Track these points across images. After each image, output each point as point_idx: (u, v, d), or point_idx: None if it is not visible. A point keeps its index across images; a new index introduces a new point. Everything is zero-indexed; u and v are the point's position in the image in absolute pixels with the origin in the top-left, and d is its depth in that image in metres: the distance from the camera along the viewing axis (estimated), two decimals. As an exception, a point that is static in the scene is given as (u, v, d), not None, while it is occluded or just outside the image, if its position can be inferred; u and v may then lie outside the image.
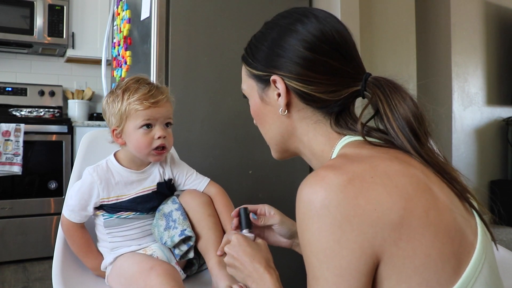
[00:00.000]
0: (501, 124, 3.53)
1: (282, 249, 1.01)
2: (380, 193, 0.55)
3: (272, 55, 0.71)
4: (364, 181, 0.56)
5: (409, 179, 0.57)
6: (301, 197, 0.58)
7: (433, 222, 0.55)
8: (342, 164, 0.59)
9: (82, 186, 1.05)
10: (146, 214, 1.08)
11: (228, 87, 1.75)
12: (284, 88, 0.70)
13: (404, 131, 0.63)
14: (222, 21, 1.75)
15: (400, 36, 2.45)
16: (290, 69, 0.69)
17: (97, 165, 1.07)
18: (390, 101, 0.64)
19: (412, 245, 0.54)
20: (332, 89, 0.67)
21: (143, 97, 1.01)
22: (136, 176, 1.08)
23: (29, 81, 3.26)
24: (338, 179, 0.56)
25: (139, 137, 1.03)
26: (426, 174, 0.60)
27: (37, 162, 2.71)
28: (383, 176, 0.57)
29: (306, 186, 0.58)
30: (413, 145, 0.63)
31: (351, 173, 0.56)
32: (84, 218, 1.07)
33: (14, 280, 2.36)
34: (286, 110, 0.71)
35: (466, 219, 0.59)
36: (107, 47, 2.15)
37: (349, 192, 0.55)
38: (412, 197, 0.55)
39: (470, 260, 0.56)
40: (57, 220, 2.72)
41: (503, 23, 3.54)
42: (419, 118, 0.64)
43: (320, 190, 0.56)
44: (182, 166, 1.16)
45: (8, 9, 2.88)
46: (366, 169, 0.57)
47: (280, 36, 0.71)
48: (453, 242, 0.55)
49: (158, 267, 0.94)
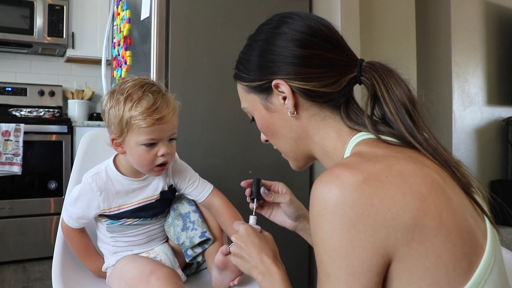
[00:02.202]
0: (501, 124, 3.52)
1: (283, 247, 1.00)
2: (395, 193, 0.55)
3: (265, 62, 0.71)
4: (379, 181, 0.55)
5: (423, 179, 0.57)
6: (316, 195, 0.57)
7: (446, 223, 0.55)
8: (358, 163, 0.58)
9: (81, 196, 1.01)
10: (150, 220, 1.07)
11: (228, 87, 1.75)
12: (289, 89, 0.69)
13: (401, 113, 0.64)
14: (222, 21, 1.75)
15: (400, 36, 2.45)
16: (287, 71, 0.69)
17: (96, 173, 1.02)
18: (386, 82, 0.65)
19: (424, 246, 0.54)
20: (332, 81, 0.68)
21: (147, 111, 0.91)
22: (137, 184, 1.04)
23: (29, 81, 3.26)
24: (354, 178, 0.55)
25: (141, 153, 0.95)
26: (440, 174, 0.59)
27: (37, 162, 2.71)
28: (398, 176, 0.56)
29: (321, 183, 0.57)
30: (409, 128, 0.63)
31: (366, 173, 0.56)
32: (83, 224, 1.05)
33: (14, 280, 2.36)
34: (295, 112, 0.70)
35: (476, 220, 0.59)
36: (107, 47, 2.15)
37: (364, 192, 0.54)
38: (426, 198, 0.55)
39: (480, 262, 0.56)
40: (57, 220, 2.72)
41: (503, 23, 3.54)
42: (413, 101, 0.65)
43: (335, 189, 0.55)
44: (185, 172, 1.10)
45: (8, 9, 2.88)
46: (381, 168, 0.57)
47: (268, 42, 0.71)
48: (464, 244, 0.55)
49: (158, 271, 0.93)
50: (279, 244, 0.89)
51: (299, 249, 1.93)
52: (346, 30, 1.87)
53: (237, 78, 0.78)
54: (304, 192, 1.87)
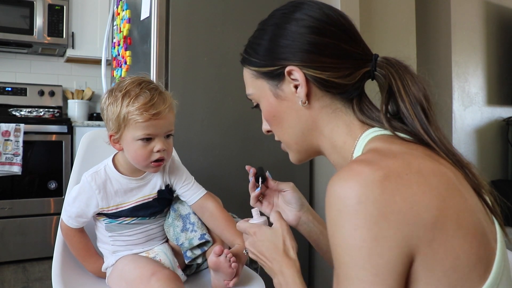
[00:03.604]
0: (502, 124, 3.52)
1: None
2: (416, 191, 0.53)
3: (278, 47, 0.68)
4: (400, 178, 0.53)
5: (441, 178, 0.55)
6: (335, 193, 0.54)
7: (463, 225, 0.53)
8: (377, 159, 0.56)
9: (80, 195, 1.02)
10: (148, 219, 1.07)
11: (228, 87, 1.75)
12: (303, 77, 0.66)
13: (416, 109, 0.62)
14: (222, 21, 1.75)
15: (400, 36, 2.45)
16: (302, 58, 0.66)
17: (95, 172, 1.03)
18: (402, 78, 0.64)
19: (444, 247, 0.52)
20: (347, 73, 0.66)
21: (143, 107, 0.94)
22: (136, 183, 1.05)
23: (29, 81, 3.26)
24: (375, 175, 0.53)
25: (137, 148, 0.97)
26: (454, 173, 0.58)
27: (37, 162, 2.71)
28: (417, 174, 0.55)
29: (340, 181, 0.55)
30: (424, 125, 0.62)
31: (387, 169, 0.54)
32: (82, 224, 1.05)
33: (14, 280, 2.36)
34: (306, 101, 0.68)
35: (488, 223, 0.58)
36: (107, 47, 2.15)
37: (386, 188, 0.52)
38: (445, 198, 0.54)
39: (493, 267, 0.54)
40: (57, 220, 2.72)
41: (503, 23, 3.54)
42: (428, 99, 0.63)
43: (356, 185, 0.53)
44: (181, 172, 1.11)
45: (8, 9, 2.88)
46: (401, 165, 0.55)
47: (282, 27, 0.68)
48: (479, 247, 0.54)
49: (159, 273, 0.94)
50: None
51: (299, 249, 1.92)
52: (346, 30, 1.87)
53: (245, 63, 0.74)
54: (304, 192, 1.87)
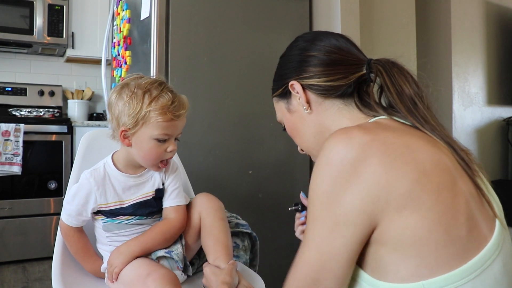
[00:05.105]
0: (502, 124, 3.52)
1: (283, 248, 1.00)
2: (395, 159, 0.58)
3: (282, 70, 0.82)
4: (384, 145, 0.59)
5: (430, 157, 0.59)
6: (324, 146, 0.62)
7: (444, 202, 0.56)
8: (371, 127, 0.63)
9: (79, 191, 1.02)
10: (146, 219, 1.07)
11: (228, 87, 1.75)
12: (301, 87, 0.77)
13: (402, 98, 0.69)
14: (222, 21, 1.75)
15: (400, 36, 2.44)
16: (296, 71, 0.78)
17: (94, 169, 1.04)
18: (389, 72, 0.71)
19: (416, 217, 0.55)
20: (339, 77, 0.74)
21: (166, 107, 0.96)
22: (134, 180, 1.05)
23: (29, 81, 3.26)
24: (361, 137, 0.59)
25: (152, 147, 0.98)
26: (452, 160, 0.62)
27: (36, 162, 2.71)
28: (404, 146, 0.59)
29: (332, 138, 0.62)
30: (411, 112, 0.67)
31: (375, 135, 0.60)
32: (82, 222, 1.05)
33: (13, 280, 2.36)
34: (309, 107, 0.77)
35: (482, 213, 0.60)
36: (107, 47, 2.14)
37: (366, 151, 0.58)
38: (428, 173, 0.57)
39: (479, 253, 0.56)
40: (57, 220, 2.72)
41: (504, 23, 3.54)
42: (416, 88, 0.69)
43: (341, 142, 0.60)
44: (177, 177, 1.11)
45: (8, 9, 2.88)
46: (390, 136, 0.61)
47: (284, 55, 0.83)
48: (460, 227, 0.56)
49: (155, 273, 0.93)
50: (279, 246, 0.89)
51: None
52: (346, 30, 1.87)
53: (272, 94, 0.87)
54: (305, 189, 1.87)
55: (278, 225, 1.73)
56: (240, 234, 1.18)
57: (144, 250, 1.01)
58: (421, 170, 0.57)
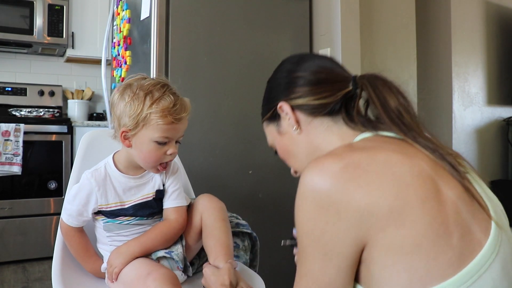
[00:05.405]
0: (502, 124, 3.52)
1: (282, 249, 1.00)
2: (373, 180, 0.58)
3: (270, 93, 0.83)
4: (359, 168, 0.59)
5: (410, 168, 0.59)
6: (300, 180, 0.62)
7: (429, 213, 0.56)
8: (342, 152, 0.63)
9: (80, 192, 1.02)
10: (146, 220, 1.07)
11: (228, 87, 1.75)
12: (289, 108, 0.77)
13: (385, 108, 0.69)
14: (222, 21, 1.75)
15: (400, 36, 2.44)
16: (284, 92, 0.78)
17: (95, 169, 1.04)
18: (373, 85, 0.72)
19: (401, 232, 0.55)
20: (326, 95, 0.75)
21: (167, 110, 0.95)
22: (134, 181, 1.05)
23: (29, 81, 3.26)
24: (333, 165, 0.60)
25: (152, 149, 0.98)
26: (433, 167, 0.61)
27: (36, 162, 2.71)
28: (381, 164, 0.59)
29: (306, 170, 0.62)
30: (394, 121, 0.68)
31: (347, 160, 0.60)
32: (82, 222, 1.05)
33: (13, 280, 2.36)
34: (298, 127, 0.77)
35: (475, 217, 0.59)
36: (107, 47, 2.14)
37: (340, 178, 0.58)
38: (409, 185, 0.57)
39: (474, 258, 0.55)
40: (57, 220, 2.72)
41: (504, 23, 3.54)
42: (403, 104, 0.70)
43: (314, 175, 0.60)
44: (178, 178, 1.11)
45: (8, 9, 2.88)
46: (364, 157, 0.61)
47: (271, 78, 0.84)
48: (450, 235, 0.56)
49: (155, 272, 0.93)
50: (279, 246, 0.89)
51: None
52: (346, 30, 1.87)
53: (262, 118, 0.87)
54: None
55: (278, 225, 1.73)
56: (240, 234, 1.18)
57: (144, 250, 1.01)
58: (401, 184, 0.57)
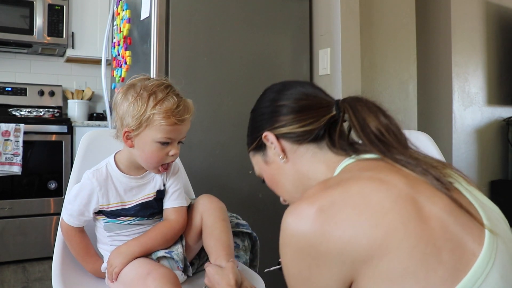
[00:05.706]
0: (502, 124, 3.52)
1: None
2: (349, 215, 0.57)
3: (254, 123, 0.83)
4: (334, 207, 0.58)
5: (387, 194, 0.58)
6: (281, 225, 0.63)
7: (413, 233, 0.55)
8: (316, 193, 0.62)
9: (81, 191, 1.02)
10: (147, 220, 1.07)
11: (228, 87, 1.75)
12: (274, 137, 0.77)
13: (364, 130, 0.69)
14: (222, 21, 1.75)
15: (400, 36, 2.45)
16: (269, 122, 0.78)
17: (97, 169, 1.04)
18: (354, 108, 0.72)
19: (385, 260, 0.54)
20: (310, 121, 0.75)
21: (170, 111, 0.95)
22: (136, 182, 1.06)
23: (29, 81, 3.26)
24: (308, 210, 0.59)
25: (154, 150, 0.98)
26: (413, 186, 0.59)
27: (36, 162, 2.71)
28: (356, 197, 0.59)
29: (285, 215, 0.62)
30: (373, 142, 0.68)
31: (321, 202, 0.59)
32: (83, 222, 1.05)
33: (13, 280, 2.36)
34: (284, 156, 0.77)
35: (466, 228, 0.57)
36: (107, 47, 2.14)
37: (316, 221, 0.58)
38: (388, 211, 0.56)
39: (470, 270, 0.54)
40: (57, 220, 2.72)
41: (504, 23, 3.54)
42: (383, 123, 0.69)
43: (291, 221, 0.60)
44: (178, 178, 1.11)
45: (8, 9, 2.88)
46: (338, 193, 0.60)
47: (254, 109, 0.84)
48: (439, 251, 0.54)
49: (155, 272, 0.93)
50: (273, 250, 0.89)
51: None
52: (346, 30, 1.87)
53: (247, 149, 0.86)
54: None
55: (278, 225, 1.73)
56: (240, 234, 1.18)
57: (144, 250, 1.01)
58: (379, 212, 0.56)
